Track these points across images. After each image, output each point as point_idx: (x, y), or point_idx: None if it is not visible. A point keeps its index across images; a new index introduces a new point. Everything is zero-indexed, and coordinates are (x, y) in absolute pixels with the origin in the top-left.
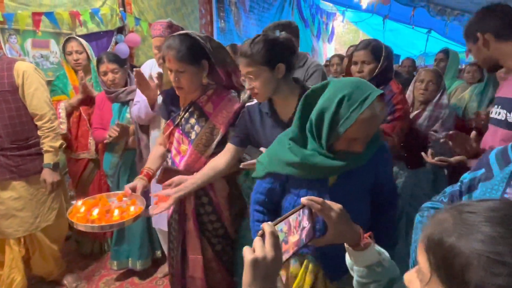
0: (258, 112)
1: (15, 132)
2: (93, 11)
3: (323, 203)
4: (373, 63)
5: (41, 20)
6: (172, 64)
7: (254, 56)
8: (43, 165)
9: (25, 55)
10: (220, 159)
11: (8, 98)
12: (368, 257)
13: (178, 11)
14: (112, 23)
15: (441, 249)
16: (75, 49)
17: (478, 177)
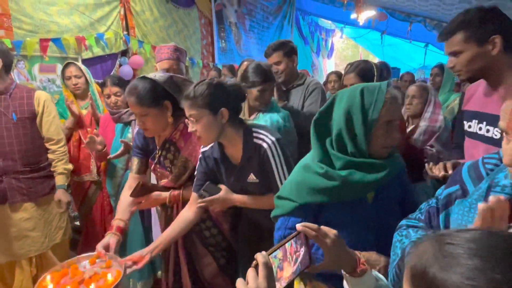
0: (212, 158)
1: (28, 156)
2: (98, 36)
3: (317, 230)
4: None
5: (48, 46)
6: (134, 108)
7: (196, 98)
8: (57, 186)
9: (33, 80)
10: (188, 211)
11: (26, 124)
12: (365, 283)
13: (180, 33)
14: (116, 46)
15: (424, 280)
16: (74, 73)
17: (453, 193)
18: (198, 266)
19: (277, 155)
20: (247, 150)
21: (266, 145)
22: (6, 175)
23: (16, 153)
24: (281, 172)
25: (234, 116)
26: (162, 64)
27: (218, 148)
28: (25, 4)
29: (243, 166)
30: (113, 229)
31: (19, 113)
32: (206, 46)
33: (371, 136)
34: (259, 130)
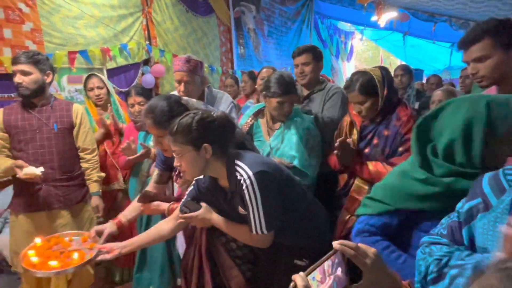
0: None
1: (65, 164)
2: (122, 46)
3: (356, 248)
4: (369, 100)
5: (76, 58)
6: (151, 130)
7: (178, 135)
8: (92, 193)
9: (62, 91)
10: (165, 224)
11: (65, 134)
12: None
13: (200, 41)
14: (139, 56)
15: None
16: (96, 85)
17: (475, 207)
18: (224, 277)
19: (252, 190)
20: (231, 184)
21: (243, 179)
22: (46, 183)
23: (55, 162)
24: (256, 208)
25: (219, 149)
26: (175, 75)
27: (210, 179)
28: (55, 19)
29: (231, 197)
30: (115, 220)
31: (60, 124)
32: (225, 53)
33: (490, 151)
34: (240, 163)
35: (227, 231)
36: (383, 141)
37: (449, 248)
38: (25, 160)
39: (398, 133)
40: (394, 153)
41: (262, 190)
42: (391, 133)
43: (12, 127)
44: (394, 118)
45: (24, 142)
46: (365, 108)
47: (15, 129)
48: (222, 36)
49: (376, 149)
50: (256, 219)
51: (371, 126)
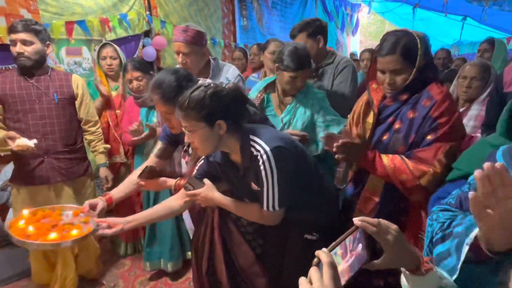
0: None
1: (67, 136)
2: (121, 17)
3: (378, 225)
4: (409, 69)
5: (73, 28)
6: (159, 107)
7: (191, 111)
8: (100, 164)
9: (60, 63)
10: (175, 201)
11: (65, 105)
12: (428, 282)
13: (201, 11)
14: (139, 27)
15: None
16: (110, 54)
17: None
18: (233, 254)
19: (268, 166)
20: (245, 160)
21: (259, 155)
22: (48, 155)
23: (57, 133)
24: (271, 184)
25: (232, 124)
26: (174, 46)
27: (221, 154)
28: None
29: (244, 173)
30: (105, 196)
31: (60, 94)
32: (227, 25)
33: None
34: (256, 139)
35: (232, 210)
36: (406, 125)
37: (454, 213)
38: (24, 132)
39: (427, 116)
40: (420, 141)
41: (278, 166)
42: (418, 115)
43: (8, 96)
44: (423, 97)
45: (22, 112)
46: (401, 80)
47: (12, 98)
48: (224, 7)
49: (397, 135)
50: (269, 195)
51: (394, 106)
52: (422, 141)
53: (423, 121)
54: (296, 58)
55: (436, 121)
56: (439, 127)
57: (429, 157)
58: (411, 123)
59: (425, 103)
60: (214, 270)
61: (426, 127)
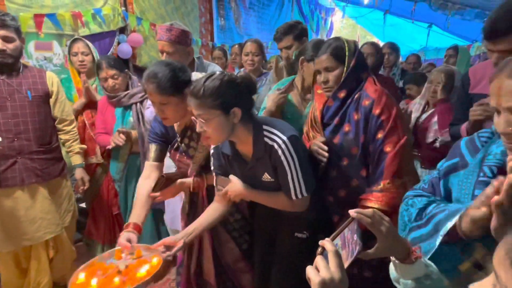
0: (222, 154)
1: (42, 136)
2: (95, 11)
3: (372, 216)
4: (340, 68)
5: (43, 21)
6: (154, 97)
7: (206, 99)
8: (76, 165)
9: (29, 58)
10: (219, 203)
11: (40, 103)
12: (415, 270)
13: (178, 10)
14: (114, 23)
15: None
16: (81, 50)
17: (453, 164)
18: (219, 251)
19: (289, 155)
20: (257, 150)
21: (277, 145)
22: (21, 156)
23: (30, 133)
24: (294, 172)
25: (246, 113)
26: (158, 44)
27: (229, 145)
28: None
29: (255, 165)
30: (129, 227)
31: (33, 92)
32: (204, 24)
33: None
34: (271, 129)
35: (262, 201)
36: (354, 126)
37: (429, 199)
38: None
39: (370, 114)
40: (370, 140)
41: (298, 153)
42: (362, 116)
43: None
44: (363, 97)
45: None
46: (333, 77)
47: None
48: (202, 6)
49: (347, 137)
50: (295, 183)
51: (335, 105)
52: (374, 140)
53: (367, 120)
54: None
55: (380, 118)
56: (384, 123)
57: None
58: (358, 124)
59: (364, 103)
60: (202, 270)
61: (372, 126)
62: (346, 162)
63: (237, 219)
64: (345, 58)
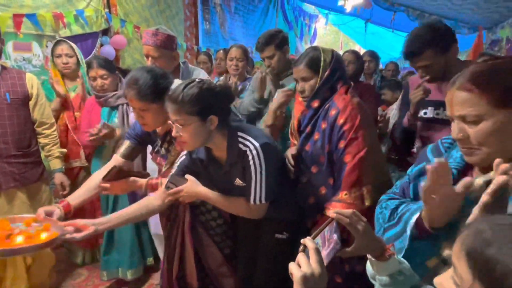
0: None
1: (20, 139)
2: (78, 13)
3: (350, 216)
4: (314, 78)
5: (22, 21)
6: (134, 103)
7: (184, 105)
8: (56, 170)
9: (7, 59)
10: (155, 200)
11: (19, 106)
12: (390, 266)
13: (163, 13)
14: (97, 24)
15: (482, 258)
16: (65, 52)
17: (421, 169)
18: (202, 255)
19: (258, 161)
20: (231, 155)
21: (249, 150)
22: None
23: (9, 136)
24: (259, 179)
25: (222, 120)
26: (143, 48)
27: (205, 150)
28: None
29: (228, 170)
30: (62, 203)
31: (12, 94)
32: (189, 28)
33: None
34: (244, 135)
35: (218, 204)
36: (321, 135)
37: (400, 200)
38: None
39: (335, 125)
40: (334, 150)
41: (267, 161)
42: (328, 125)
43: None
44: (331, 108)
45: None
46: (308, 86)
47: None
48: (187, 10)
49: (316, 145)
50: (257, 189)
51: (309, 114)
52: (336, 149)
53: (332, 130)
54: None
55: (342, 127)
56: (346, 133)
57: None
58: (324, 133)
59: (331, 113)
60: (184, 274)
61: (335, 135)
62: (316, 170)
63: (219, 223)
64: (320, 68)
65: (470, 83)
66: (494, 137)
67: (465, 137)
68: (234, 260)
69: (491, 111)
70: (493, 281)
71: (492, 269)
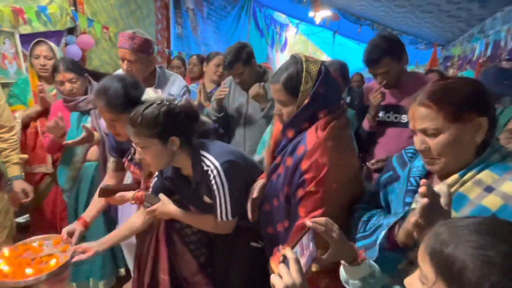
0: (168, 177)
1: None
2: (40, 9)
3: (325, 224)
4: (293, 104)
5: None
6: (104, 114)
7: (143, 128)
8: (14, 177)
9: None
10: (137, 218)
11: None
12: (362, 270)
13: (133, 14)
14: (61, 22)
15: (442, 257)
16: (44, 54)
17: (388, 177)
18: (176, 264)
19: (219, 180)
20: (196, 174)
21: (210, 170)
22: None
23: None
24: (223, 197)
25: (185, 140)
26: (119, 51)
27: (173, 169)
28: None
29: (196, 188)
30: (80, 220)
31: None
32: (160, 31)
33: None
34: (206, 154)
35: (188, 222)
36: (284, 172)
37: (371, 213)
38: None
39: (298, 168)
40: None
41: (229, 179)
42: (292, 164)
43: None
44: (300, 143)
45: None
46: (286, 112)
47: None
48: (159, 13)
49: (278, 180)
50: (222, 207)
51: (282, 142)
52: (294, 195)
53: (294, 171)
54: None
55: (303, 175)
56: (306, 182)
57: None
58: (287, 171)
59: (298, 151)
60: (157, 284)
61: (296, 179)
62: (276, 204)
63: (194, 231)
64: (299, 93)
65: (429, 100)
66: (451, 148)
67: (426, 149)
68: (209, 268)
69: (447, 125)
70: (452, 276)
71: (451, 266)
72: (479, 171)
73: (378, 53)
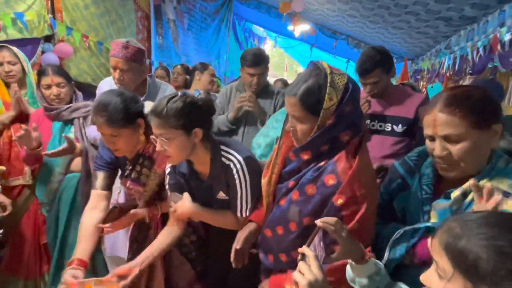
0: (180, 172)
1: None
2: (16, 16)
3: (335, 224)
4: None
5: None
6: (104, 130)
7: (169, 118)
8: None
9: None
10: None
11: None
12: (369, 268)
13: (114, 23)
14: (38, 30)
15: (456, 250)
16: (7, 59)
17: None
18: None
19: (242, 174)
20: (214, 169)
21: (232, 164)
22: None
23: None
24: (244, 193)
25: (205, 133)
26: (110, 60)
27: (186, 164)
28: None
29: (211, 183)
30: (73, 263)
31: None
32: (141, 41)
33: None
34: (228, 149)
35: (207, 220)
36: (303, 201)
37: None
38: None
39: (330, 201)
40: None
41: (251, 174)
42: (318, 195)
43: None
44: (328, 170)
45: None
46: (301, 130)
47: None
48: (139, 23)
49: (294, 207)
50: (243, 202)
51: (294, 164)
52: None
53: (323, 204)
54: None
55: (340, 212)
56: (344, 220)
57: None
58: (308, 201)
59: (327, 181)
60: None
61: (329, 215)
62: (282, 232)
63: (192, 240)
64: (320, 110)
65: (453, 107)
66: (471, 154)
67: (447, 155)
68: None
69: (470, 131)
70: (468, 268)
71: (466, 258)
72: (493, 177)
73: (370, 64)
